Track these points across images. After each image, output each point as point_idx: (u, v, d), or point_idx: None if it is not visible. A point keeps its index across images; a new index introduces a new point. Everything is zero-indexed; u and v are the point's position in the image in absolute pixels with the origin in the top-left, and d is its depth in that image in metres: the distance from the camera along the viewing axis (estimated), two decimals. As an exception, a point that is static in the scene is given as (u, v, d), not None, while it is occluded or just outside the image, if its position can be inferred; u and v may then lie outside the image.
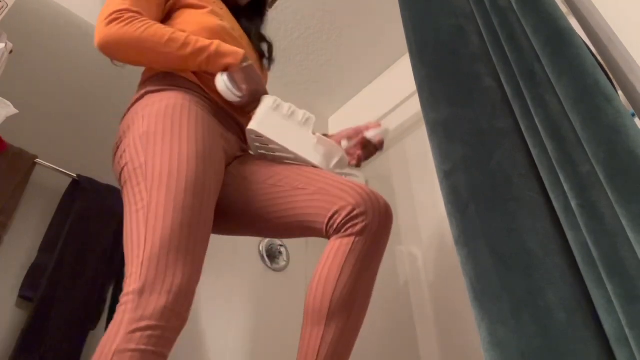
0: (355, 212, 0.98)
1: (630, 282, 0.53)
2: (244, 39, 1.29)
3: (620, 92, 0.74)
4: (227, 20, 1.24)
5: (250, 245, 2.19)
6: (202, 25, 1.12)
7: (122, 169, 1.01)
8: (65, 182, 1.62)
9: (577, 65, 0.67)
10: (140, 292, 0.79)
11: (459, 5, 0.91)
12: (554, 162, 0.65)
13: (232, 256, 2.05)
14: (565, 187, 0.62)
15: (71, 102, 1.85)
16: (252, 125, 1.05)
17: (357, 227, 0.98)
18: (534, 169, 0.69)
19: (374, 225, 0.99)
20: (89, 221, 1.57)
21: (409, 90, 2.42)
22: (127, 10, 1.03)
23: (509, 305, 0.59)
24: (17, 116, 1.23)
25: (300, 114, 1.09)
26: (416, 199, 2.22)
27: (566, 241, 0.62)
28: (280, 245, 2.29)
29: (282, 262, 2.26)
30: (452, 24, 0.89)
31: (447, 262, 1.89)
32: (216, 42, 1.05)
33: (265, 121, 1.05)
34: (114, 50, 1.04)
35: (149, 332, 0.76)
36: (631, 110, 0.72)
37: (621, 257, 0.55)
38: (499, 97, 0.78)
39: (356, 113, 2.90)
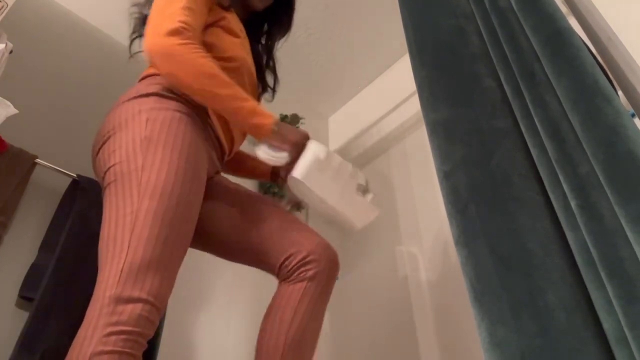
0: (308, 259, 1.07)
1: (630, 282, 0.53)
2: (253, 68, 1.28)
3: (620, 92, 0.74)
4: (247, 51, 1.24)
5: (250, 245, 2.19)
6: (233, 55, 1.15)
7: (111, 167, 0.97)
8: (65, 182, 1.62)
9: (577, 66, 0.67)
10: (117, 299, 0.80)
11: (459, 5, 0.91)
12: (554, 162, 0.65)
13: (232, 256, 2.05)
14: (565, 187, 0.62)
15: (71, 102, 1.85)
16: (297, 174, 1.02)
17: (309, 273, 1.07)
18: (534, 169, 0.69)
19: (324, 274, 1.08)
20: (89, 221, 1.57)
21: (409, 90, 2.42)
22: (188, 27, 1.01)
23: (508, 305, 0.59)
24: (17, 116, 1.23)
25: (348, 168, 1.09)
26: (416, 199, 2.22)
27: (566, 241, 0.62)
28: (280, 245, 2.28)
29: (282, 262, 2.26)
30: (452, 24, 0.89)
31: (447, 262, 1.89)
32: (255, 102, 1.05)
33: (311, 172, 1.02)
34: (166, 63, 1.01)
35: (124, 336, 0.78)
36: (631, 110, 0.72)
37: (621, 257, 0.55)
38: (499, 97, 0.78)
39: (356, 113, 2.90)
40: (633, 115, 0.74)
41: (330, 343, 2.16)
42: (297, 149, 1.05)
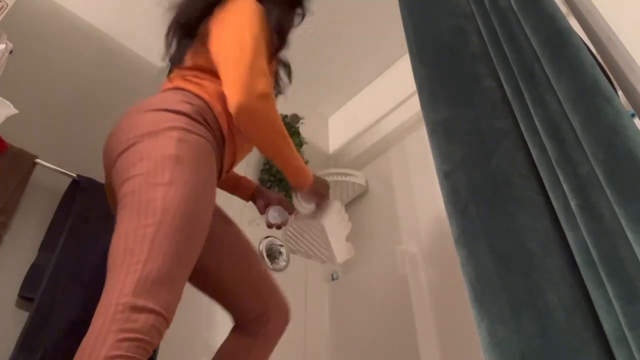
0: (265, 316, 1.22)
1: (630, 282, 0.53)
2: None
3: (620, 92, 0.74)
4: None
5: (250, 245, 2.19)
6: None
7: (135, 176, 0.98)
8: (65, 182, 1.62)
9: (577, 66, 0.67)
10: (132, 307, 0.82)
11: (459, 5, 0.91)
12: (554, 162, 0.65)
13: (232, 256, 2.06)
14: (565, 187, 0.62)
15: (71, 102, 1.85)
16: (324, 222, 1.25)
17: (264, 329, 1.23)
18: (534, 169, 0.69)
19: (277, 330, 1.26)
20: (89, 221, 1.57)
21: (409, 90, 2.42)
22: (271, 91, 1.11)
23: (508, 305, 0.59)
24: (17, 116, 1.23)
25: (346, 220, 1.34)
26: (416, 199, 2.22)
27: (566, 241, 0.62)
28: (280, 245, 2.29)
29: (282, 262, 2.26)
30: (452, 24, 0.89)
31: (447, 262, 1.89)
32: (302, 161, 1.20)
33: (331, 223, 1.26)
34: (253, 124, 1.09)
35: (136, 343, 0.81)
36: (631, 110, 0.72)
37: (621, 257, 0.55)
38: (499, 97, 0.78)
39: (356, 113, 2.90)
40: (633, 115, 0.74)
41: (330, 343, 2.16)
42: (321, 198, 1.27)
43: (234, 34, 1.13)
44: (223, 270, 1.24)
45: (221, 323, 1.78)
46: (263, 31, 1.16)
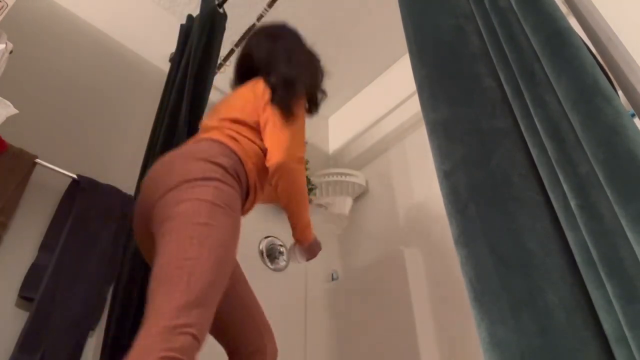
0: (262, 352, 1.35)
1: (630, 282, 0.53)
2: None
3: (620, 92, 0.74)
4: None
5: (250, 245, 2.19)
6: None
7: (178, 214, 1.13)
8: (65, 182, 1.62)
9: (577, 66, 0.67)
10: (173, 329, 0.95)
11: (459, 5, 0.91)
12: (554, 162, 0.65)
13: (232, 256, 2.05)
14: (565, 187, 0.62)
15: (71, 102, 1.85)
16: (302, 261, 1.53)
17: None
18: (534, 169, 0.69)
19: None
20: (89, 221, 1.57)
21: (409, 90, 2.42)
22: (305, 159, 1.39)
23: (508, 305, 0.59)
24: (17, 116, 1.23)
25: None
26: (416, 199, 2.22)
27: (566, 241, 0.62)
28: (281, 245, 2.29)
29: (282, 262, 2.26)
30: (452, 24, 0.89)
31: (447, 262, 1.89)
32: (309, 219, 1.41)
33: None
34: (287, 180, 1.32)
35: None
36: (631, 110, 0.72)
37: (620, 257, 0.54)
38: (499, 97, 0.78)
39: (356, 113, 2.90)
40: (633, 115, 0.74)
41: (330, 343, 2.16)
42: (312, 257, 1.49)
43: (288, 113, 1.37)
44: (232, 302, 1.37)
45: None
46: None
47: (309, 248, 1.45)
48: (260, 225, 2.27)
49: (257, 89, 1.41)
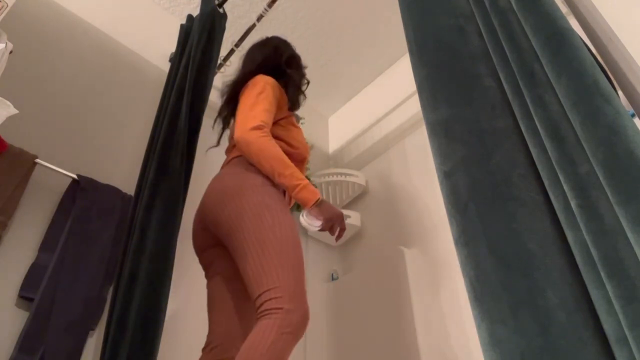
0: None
1: (630, 282, 0.53)
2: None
3: (620, 92, 0.74)
4: (302, 134, 1.67)
5: (250, 245, 2.18)
6: (304, 145, 1.58)
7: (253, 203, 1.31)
8: (65, 182, 1.62)
9: (577, 66, 0.67)
10: (288, 311, 1.13)
11: (459, 5, 0.91)
12: (554, 162, 0.65)
13: (232, 256, 2.05)
14: (565, 187, 0.62)
15: (71, 102, 1.85)
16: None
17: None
18: (534, 169, 0.69)
19: None
20: (89, 221, 1.57)
21: (409, 90, 2.42)
22: (265, 125, 1.42)
23: (508, 305, 0.59)
24: (17, 116, 1.23)
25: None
26: (416, 199, 2.22)
27: (566, 241, 0.62)
28: (280, 245, 2.28)
29: (282, 262, 2.26)
30: (452, 24, 0.89)
31: (447, 262, 1.89)
32: (306, 181, 1.39)
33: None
34: (247, 150, 1.38)
35: (290, 336, 1.12)
36: (630, 110, 0.72)
37: (620, 257, 0.54)
38: (499, 97, 0.78)
39: (356, 113, 2.90)
40: (633, 115, 0.74)
41: (330, 342, 2.16)
42: (330, 224, 1.41)
43: (244, 101, 1.50)
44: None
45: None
46: (268, 93, 1.51)
47: (317, 213, 1.40)
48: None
49: None
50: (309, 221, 1.40)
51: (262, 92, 1.50)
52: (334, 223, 1.41)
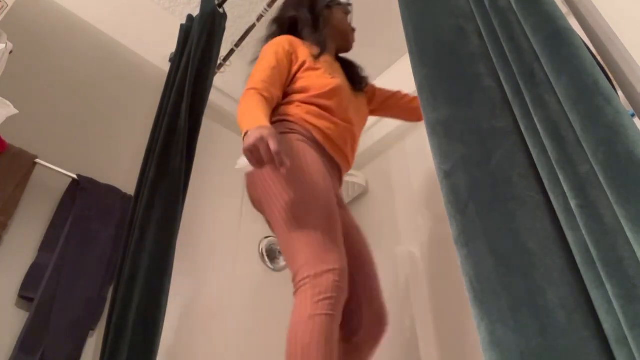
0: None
1: (630, 282, 0.53)
2: (346, 84, 1.59)
3: (620, 92, 0.74)
4: (337, 73, 1.55)
5: (250, 245, 2.19)
6: (322, 86, 1.44)
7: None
8: (65, 182, 1.62)
9: (577, 66, 0.67)
10: (315, 276, 1.10)
11: (459, 5, 0.91)
12: (554, 162, 0.65)
13: (232, 256, 2.06)
14: (565, 187, 0.62)
15: (71, 102, 1.85)
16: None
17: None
18: (534, 169, 0.69)
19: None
20: (89, 221, 1.57)
21: (409, 90, 2.41)
22: (253, 89, 1.34)
23: (508, 305, 0.59)
24: (17, 116, 1.24)
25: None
26: (416, 199, 2.22)
27: (566, 241, 0.62)
28: (281, 245, 2.28)
29: (282, 262, 2.26)
30: (452, 24, 0.89)
31: (447, 262, 1.89)
32: (253, 115, 1.25)
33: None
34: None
35: (327, 301, 1.08)
36: (631, 110, 0.72)
37: (620, 257, 0.54)
38: (499, 97, 0.78)
39: (356, 113, 2.90)
40: (633, 115, 0.74)
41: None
42: (248, 154, 1.16)
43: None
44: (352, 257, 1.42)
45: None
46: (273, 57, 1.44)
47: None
48: (260, 226, 2.27)
49: None
50: (240, 164, 1.17)
51: (259, 61, 1.46)
52: (252, 150, 1.11)
